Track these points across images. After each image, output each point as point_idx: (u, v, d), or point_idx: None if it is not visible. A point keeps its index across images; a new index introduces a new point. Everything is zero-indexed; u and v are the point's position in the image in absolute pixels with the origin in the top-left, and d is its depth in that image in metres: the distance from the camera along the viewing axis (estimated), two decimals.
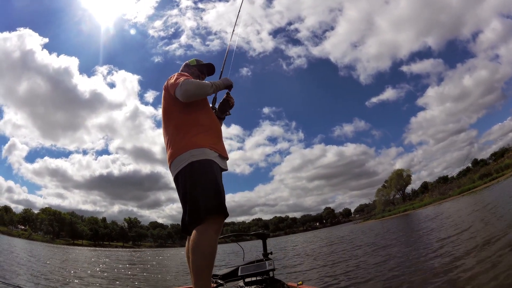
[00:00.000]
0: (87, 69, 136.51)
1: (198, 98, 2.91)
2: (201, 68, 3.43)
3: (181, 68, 3.41)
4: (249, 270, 3.32)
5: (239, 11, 4.33)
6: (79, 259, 24.81)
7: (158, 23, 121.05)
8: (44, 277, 10.92)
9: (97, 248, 65.53)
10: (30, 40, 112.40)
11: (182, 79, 2.84)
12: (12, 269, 12.34)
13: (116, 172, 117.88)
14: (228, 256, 20.37)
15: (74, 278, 11.48)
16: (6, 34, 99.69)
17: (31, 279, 10.24)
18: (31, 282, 9.55)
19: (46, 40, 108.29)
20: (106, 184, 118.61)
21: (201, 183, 2.60)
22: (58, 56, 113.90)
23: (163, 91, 3.04)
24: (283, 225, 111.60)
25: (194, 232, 2.51)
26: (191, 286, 2.51)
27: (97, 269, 15.99)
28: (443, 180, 70.59)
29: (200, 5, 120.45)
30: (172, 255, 33.60)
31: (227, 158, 3.02)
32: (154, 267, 18.32)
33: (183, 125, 2.86)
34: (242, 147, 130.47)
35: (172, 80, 2.92)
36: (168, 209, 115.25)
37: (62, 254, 29.28)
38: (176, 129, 2.88)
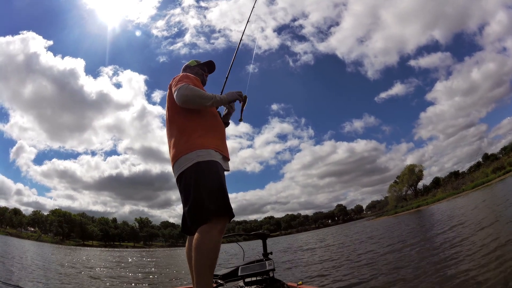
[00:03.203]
0: (92, 70, 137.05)
1: (193, 107, 2.84)
2: (202, 67, 3.45)
3: (182, 72, 3.37)
4: (249, 270, 3.30)
5: (252, 10, 4.44)
6: (81, 259, 24.91)
7: (161, 23, 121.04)
8: (41, 277, 11.00)
9: (103, 249, 66.12)
10: (34, 43, 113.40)
11: (184, 82, 2.81)
12: (9, 269, 12.43)
13: (125, 172, 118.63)
14: (228, 256, 20.24)
15: (70, 277, 11.59)
16: (9, 38, 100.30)
17: (28, 278, 10.26)
18: (27, 281, 9.58)
19: (51, 42, 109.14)
20: (116, 184, 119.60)
21: (207, 184, 2.58)
22: (63, 58, 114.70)
23: (168, 90, 3.01)
24: (295, 223, 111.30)
25: (198, 231, 2.50)
26: (191, 286, 2.55)
27: (97, 268, 16.02)
28: (455, 175, 69.84)
29: (203, 4, 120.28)
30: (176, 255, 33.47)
31: (229, 160, 3.01)
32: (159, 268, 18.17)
33: (188, 125, 2.83)
34: (251, 145, 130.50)
35: (176, 80, 2.90)
36: (179, 209, 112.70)
37: (50, 253, 29.42)
38: (180, 129, 2.85)
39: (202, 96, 2.79)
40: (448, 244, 8.93)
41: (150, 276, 12.88)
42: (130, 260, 25.92)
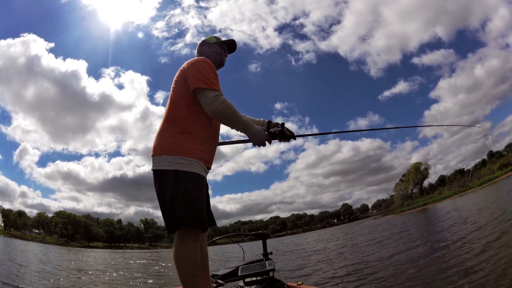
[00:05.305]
0: (94, 72, 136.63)
1: (221, 122, 2.76)
2: (222, 46, 3.19)
3: (198, 48, 3.15)
4: (249, 270, 3.32)
5: None
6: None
7: (161, 24, 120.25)
8: (41, 277, 11.03)
9: (108, 250, 66.36)
10: (35, 45, 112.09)
11: (218, 91, 2.62)
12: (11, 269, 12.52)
13: (130, 173, 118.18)
14: (228, 256, 20.16)
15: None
16: (9, 40, 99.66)
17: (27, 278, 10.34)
18: (28, 281, 9.66)
19: (52, 44, 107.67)
20: (120, 186, 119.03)
21: (183, 194, 2.50)
22: (64, 60, 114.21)
23: (179, 74, 2.76)
24: (301, 223, 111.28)
25: (174, 245, 2.52)
26: None
27: (99, 269, 15.90)
28: (460, 173, 69.51)
29: (203, 4, 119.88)
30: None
31: (210, 169, 2.87)
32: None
33: (182, 121, 2.66)
34: None
35: (200, 76, 2.63)
36: None
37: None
38: (173, 121, 2.68)
39: (237, 120, 2.63)
40: (454, 244, 8.78)
41: (151, 277, 12.82)
42: (132, 261, 25.96)
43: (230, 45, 3.27)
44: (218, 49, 3.13)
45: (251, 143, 2.86)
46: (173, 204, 2.49)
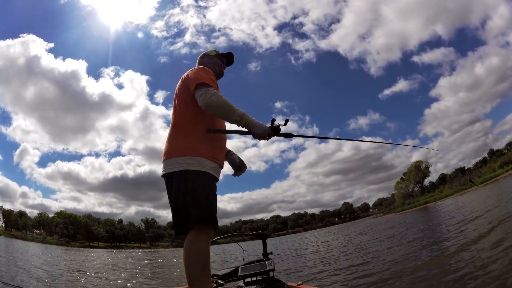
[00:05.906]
0: (94, 72, 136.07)
1: (216, 116, 2.75)
2: (221, 58, 3.34)
3: (199, 60, 3.30)
4: (249, 270, 3.33)
5: None
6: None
7: (160, 23, 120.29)
8: (42, 278, 11.02)
9: (109, 250, 66.53)
10: (35, 45, 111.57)
11: (211, 87, 2.68)
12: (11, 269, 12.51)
13: (130, 173, 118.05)
14: (228, 256, 20.13)
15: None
16: (9, 41, 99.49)
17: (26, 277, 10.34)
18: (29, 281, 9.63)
19: (52, 45, 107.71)
20: (121, 185, 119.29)
21: (194, 193, 2.58)
22: (64, 60, 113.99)
23: (181, 81, 2.91)
24: (302, 222, 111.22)
25: (185, 242, 2.53)
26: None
27: (98, 270, 15.84)
28: (461, 171, 69.48)
29: (202, 3, 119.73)
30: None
31: (222, 167, 2.97)
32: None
33: (186, 124, 2.78)
34: (256, 144, 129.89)
35: (197, 76, 2.76)
36: None
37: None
38: (178, 126, 2.81)
39: (230, 110, 2.61)
40: (457, 243, 8.73)
41: (152, 277, 12.79)
42: (133, 261, 25.91)
43: (228, 58, 3.41)
44: (218, 61, 3.28)
45: (251, 138, 2.88)
46: (185, 203, 2.55)
